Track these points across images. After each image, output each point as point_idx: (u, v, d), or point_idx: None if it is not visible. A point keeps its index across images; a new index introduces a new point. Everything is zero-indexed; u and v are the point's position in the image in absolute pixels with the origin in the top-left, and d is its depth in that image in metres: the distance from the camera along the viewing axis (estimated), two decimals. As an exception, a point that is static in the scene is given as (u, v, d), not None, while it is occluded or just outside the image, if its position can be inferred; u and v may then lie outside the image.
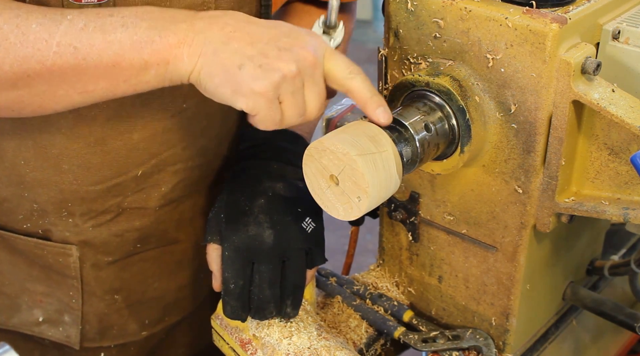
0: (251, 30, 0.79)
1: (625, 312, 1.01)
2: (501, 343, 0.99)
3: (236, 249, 0.94)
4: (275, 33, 0.79)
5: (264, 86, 0.77)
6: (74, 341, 1.12)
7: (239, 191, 0.99)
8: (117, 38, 0.78)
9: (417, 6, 0.86)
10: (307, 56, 0.78)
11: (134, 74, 0.80)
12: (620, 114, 0.77)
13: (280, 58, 0.77)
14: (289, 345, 0.94)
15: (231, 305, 0.95)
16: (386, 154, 0.78)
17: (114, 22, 0.78)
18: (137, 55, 0.78)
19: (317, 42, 0.80)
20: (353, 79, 0.80)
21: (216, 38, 0.78)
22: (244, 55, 0.77)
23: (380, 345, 1.06)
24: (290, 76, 0.77)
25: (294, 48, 0.78)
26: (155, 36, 0.78)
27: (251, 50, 0.77)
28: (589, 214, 0.85)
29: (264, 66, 0.76)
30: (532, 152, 0.84)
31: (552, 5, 0.80)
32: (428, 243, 1.02)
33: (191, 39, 0.78)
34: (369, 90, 0.81)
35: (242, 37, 0.78)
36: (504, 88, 0.83)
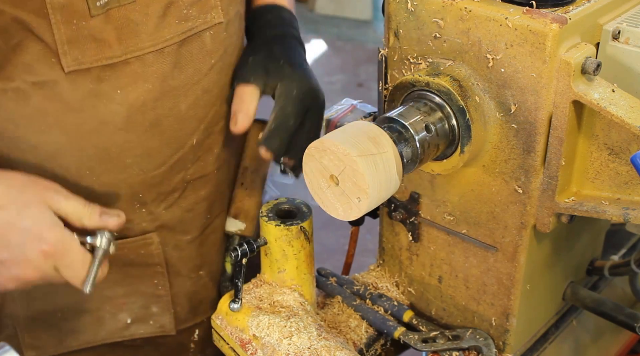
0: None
1: (625, 312, 1.01)
2: (501, 343, 0.99)
3: (303, 93, 1.05)
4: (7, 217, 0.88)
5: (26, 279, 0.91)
6: (169, 328, 1.15)
7: (269, 44, 1.08)
8: None
9: (417, 6, 0.86)
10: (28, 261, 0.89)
11: None
12: (620, 114, 0.77)
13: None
14: (289, 345, 0.94)
15: (281, 138, 1.02)
16: (386, 155, 0.78)
17: None
18: None
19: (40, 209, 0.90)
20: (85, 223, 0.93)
21: None
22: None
23: (380, 345, 1.06)
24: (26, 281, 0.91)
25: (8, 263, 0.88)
26: None
27: None
28: (589, 214, 0.85)
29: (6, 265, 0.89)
30: (532, 153, 0.84)
31: (552, 5, 0.80)
32: (428, 243, 1.02)
33: None
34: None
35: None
36: (504, 88, 0.83)
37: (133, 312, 1.12)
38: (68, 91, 0.93)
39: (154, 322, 1.14)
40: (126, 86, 0.96)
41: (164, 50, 0.97)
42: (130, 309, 1.12)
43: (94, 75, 0.93)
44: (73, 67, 0.91)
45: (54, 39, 0.89)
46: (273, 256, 0.99)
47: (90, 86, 0.94)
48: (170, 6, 0.96)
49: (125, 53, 0.94)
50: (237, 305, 0.98)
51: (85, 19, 0.89)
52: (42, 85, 0.92)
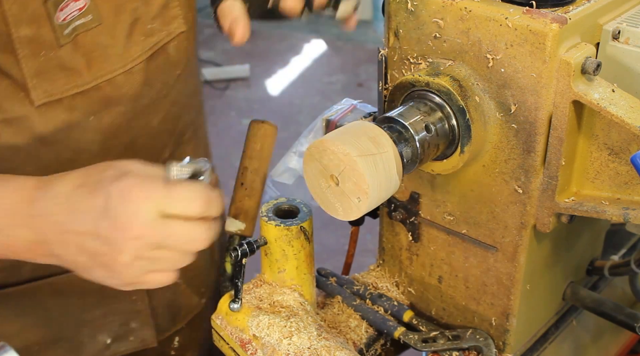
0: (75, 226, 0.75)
1: (625, 312, 1.01)
2: (501, 343, 0.99)
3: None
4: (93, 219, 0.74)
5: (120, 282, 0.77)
6: (150, 341, 1.14)
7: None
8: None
9: (417, 6, 0.86)
10: (135, 236, 0.73)
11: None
12: (620, 114, 0.77)
13: (112, 253, 0.74)
14: (289, 345, 0.94)
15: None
16: (386, 155, 0.78)
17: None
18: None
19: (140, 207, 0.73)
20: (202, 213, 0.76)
21: (54, 244, 0.76)
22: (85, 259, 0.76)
23: (380, 345, 1.06)
24: (132, 262, 0.74)
25: (118, 235, 0.73)
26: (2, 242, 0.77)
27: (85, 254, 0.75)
28: (589, 214, 0.85)
29: (107, 266, 0.75)
30: (532, 152, 0.84)
31: (552, 5, 0.80)
32: (428, 243, 1.02)
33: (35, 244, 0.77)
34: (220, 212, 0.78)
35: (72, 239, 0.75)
36: (504, 88, 0.83)
37: (112, 331, 1.11)
38: (40, 125, 0.90)
39: (135, 338, 1.13)
40: (99, 111, 0.95)
41: (132, 70, 0.96)
42: (109, 329, 1.10)
43: (65, 105, 0.91)
44: (43, 99, 0.89)
45: (22, 74, 0.86)
46: (273, 256, 0.99)
47: (62, 116, 0.92)
48: (135, 23, 0.94)
49: (96, 78, 0.92)
50: (237, 305, 0.98)
51: (53, 49, 0.87)
52: (11, 121, 0.89)
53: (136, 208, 0.72)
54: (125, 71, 0.95)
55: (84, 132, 0.95)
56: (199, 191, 0.74)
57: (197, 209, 0.74)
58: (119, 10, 0.92)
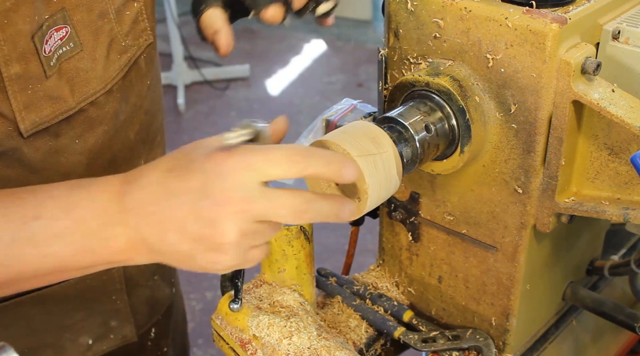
0: (172, 212, 0.71)
1: (625, 312, 1.01)
2: (501, 343, 0.99)
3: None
4: (192, 200, 0.70)
5: (226, 264, 0.72)
6: (131, 336, 1.14)
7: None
8: (53, 251, 0.72)
9: (417, 6, 0.86)
10: (238, 210, 0.69)
11: (80, 272, 0.76)
12: (620, 114, 0.77)
13: (216, 233, 0.70)
14: (289, 345, 0.94)
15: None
16: (386, 155, 0.78)
17: (45, 230, 0.71)
18: (79, 263, 0.74)
19: (238, 178, 0.69)
20: (305, 169, 0.70)
21: (152, 237, 0.72)
22: (187, 247, 0.71)
23: (380, 345, 1.06)
24: (238, 239, 0.70)
25: (220, 212, 0.69)
26: (95, 245, 0.73)
27: (187, 241, 0.71)
28: (589, 214, 0.85)
29: (211, 248, 0.71)
30: (532, 152, 0.84)
31: (552, 5, 0.80)
32: (428, 243, 1.02)
33: (132, 242, 0.73)
34: (325, 164, 0.70)
35: (170, 227, 0.71)
36: (504, 88, 0.83)
37: (93, 332, 1.10)
38: (28, 154, 0.90)
39: (115, 336, 1.13)
40: (83, 133, 0.95)
41: (112, 89, 0.96)
42: (90, 330, 1.10)
43: (52, 132, 0.91)
44: (32, 130, 0.88)
45: (11, 110, 0.85)
46: (273, 256, 0.99)
47: (49, 143, 0.92)
48: (111, 43, 0.95)
49: (79, 103, 0.92)
50: (237, 305, 0.98)
51: (40, 81, 0.87)
52: (0, 155, 0.88)
53: (236, 180, 0.68)
54: (106, 91, 0.96)
55: (70, 156, 0.95)
56: (297, 147, 0.70)
57: (299, 163, 0.69)
58: (97, 33, 0.92)
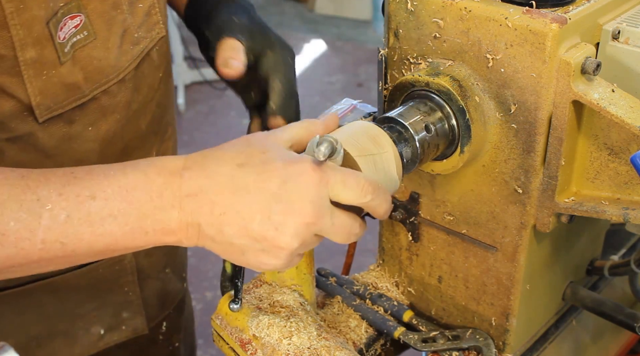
0: (239, 207, 0.72)
1: (625, 312, 1.01)
2: (501, 343, 0.99)
3: (294, 62, 1.02)
4: (265, 201, 0.71)
5: (274, 266, 0.75)
6: (142, 329, 1.16)
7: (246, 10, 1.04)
8: (107, 230, 0.73)
9: (417, 6, 0.86)
10: (308, 222, 0.72)
11: (129, 251, 0.79)
12: (620, 114, 0.77)
13: (279, 238, 0.72)
14: (288, 345, 0.94)
15: (294, 105, 1.00)
16: (386, 155, 0.78)
17: (100, 210, 0.73)
18: (131, 243, 0.75)
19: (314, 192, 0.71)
20: (371, 201, 0.75)
21: (209, 226, 0.73)
22: (242, 242, 0.73)
23: (380, 345, 1.06)
24: (297, 248, 0.73)
25: (290, 220, 0.71)
26: (149, 227, 0.74)
27: (246, 237, 0.73)
28: (589, 214, 0.85)
29: (267, 250, 0.73)
30: (532, 152, 0.84)
31: (552, 5, 0.80)
32: (428, 243, 1.02)
33: (185, 229, 0.74)
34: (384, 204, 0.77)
35: (232, 220, 0.72)
36: (504, 88, 0.83)
37: (105, 322, 1.12)
38: (43, 140, 0.92)
39: (127, 327, 1.15)
40: (96, 121, 0.97)
41: (125, 78, 0.98)
42: (102, 320, 1.12)
43: (66, 118, 0.93)
44: (46, 116, 0.90)
45: (26, 94, 0.87)
46: (273, 256, 0.99)
47: (64, 129, 0.94)
48: (124, 34, 0.97)
49: (92, 90, 0.94)
50: (237, 305, 0.98)
51: (55, 67, 0.89)
52: (16, 139, 0.91)
53: (314, 194, 0.71)
54: (119, 80, 0.98)
55: (83, 143, 0.97)
56: (369, 179, 0.74)
57: (368, 195, 0.73)
58: (111, 24, 0.94)
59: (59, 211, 0.72)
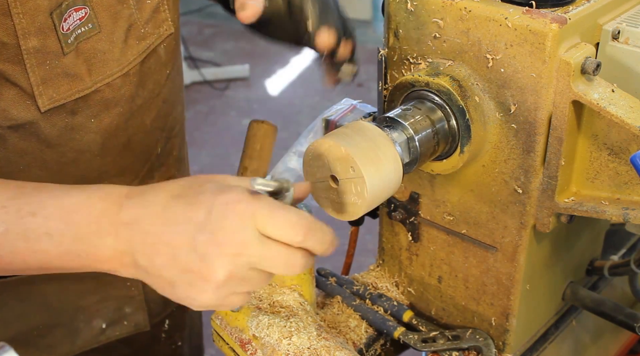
0: (168, 237, 0.71)
1: (625, 312, 1.01)
2: (501, 343, 0.99)
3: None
4: (191, 232, 0.70)
5: (202, 303, 0.72)
6: (144, 325, 1.16)
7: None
8: (42, 248, 0.73)
9: (417, 6, 0.86)
10: (232, 253, 0.69)
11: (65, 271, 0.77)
12: (620, 114, 0.77)
13: (204, 269, 0.70)
14: (288, 345, 0.94)
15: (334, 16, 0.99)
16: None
17: (37, 228, 0.73)
18: (65, 264, 0.75)
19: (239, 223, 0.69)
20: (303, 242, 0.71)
21: (141, 255, 0.72)
22: (171, 274, 0.71)
23: (380, 345, 1.06)
24: (224, 282, 0.70)
25: (215, 251, 0.69)
26: (82, 252, 0.73)
27: (174, 268, 0.71)
28: (588, 214, 0.85)
29: (193, 283, 0.71)
30: (532, 152, 0.84)
31: (552, 5, 0.80)
32: (428, 243, 1.02)
33: (120, 254, 0.73)
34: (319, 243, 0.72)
35: (162, 251, 0.71)
36: (503, 88, 0.83)
37: (107, 317, 1.12)
38: (45, 129, 0.93)
39: (128, 322, 1.15)
40: (99, 113, 0.98)
41: (129, 73, 0.99)
42: (104, 314, 1.12)
43: (68, 109, 0.94)
44: (48, 106, 0.91)
45: (29, 82, 0.89)
46: (273, 256, 0.99)
47: (66, 120, 0.95)
48: (130, 29, 0.97)
49: (96, 83, 0.95)
50: (236, 305, 0.98)
51: (58, 58, 0.90)
52: (18, 127, 0.92)
53: (238, 224, 0.69)
54: (123, 74, 0.98)
55: (85, 134, 0.98)
56: (304, 217, 0.71)
57: (299, 236, 0.70)
58: (116, 18, 0.95)
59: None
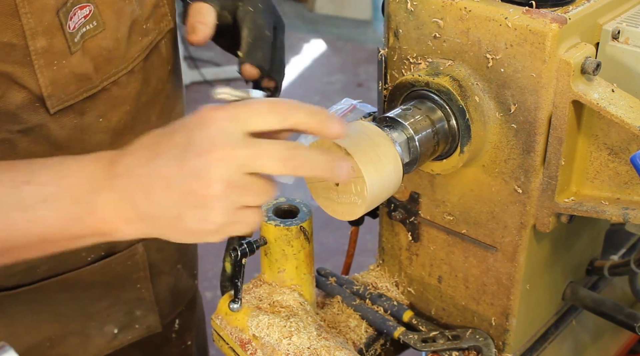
0: (159, 171, 0.69)
1: (625, 312, 1.01)
2: (501, 343, 0.99)
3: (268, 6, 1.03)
4: (178, 155, 0.69)
5: (215, 221, 0.69)
6: (155, 326, 1.16)
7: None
8: (39, 216, 0.71)
9: (417, 6, 0.86)
10: (221, 156, 0.67)
11: (68, 243, 0.75)
12: (620, 114, 0.77)
13: (202, 185, 0.68)
14: (288, 345, 0.94)
15: (263, 50, 1.00)
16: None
17: (33, 195, 0.71)
18: (67, 231, 0.73)
19: (221, 127, 0.68)
20: (288, 118, 0.69)
21: (140, 200, 0.71)
22: (174, 205, 0.69)
23: (380, 345, 1.06)
24: (224, 191, 0.68)
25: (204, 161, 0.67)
26: (82, 212, 0.72)
27: (175, 198, 0.69)
28: (588, 214, 0.85)
29: (198, 204, 0.69)
30: (532, 152, 0.84)
31: (552, 5, 0.80)
32: (428, 243, 1.02)
33: (120, 208, 0.71)
34: (308, 114, 0.70)
35: (158, 185, 0.70)
36: (503, 88, 0.83)
37: (118, 321, 1.12)
38: (54, 131, 0.93)
39: (140, 325, 1.15)
40: (107, 112, 0.97)
41: (134, 70, 0.99)
42: (115, 319, 1.12)
43: (77, 109, 0.94)
44: (58, 107, 0.91)
45: (37, 84, 0.88)
46: (273, 256, 0.99)
47: (75, 121, 0.94)
48: (133, 25, 0.97)
49: (103, 81, 0.95)
50: (236, 305, 0.98)
51: (65, 57, 0.89)
52: (28, 131, 0.91)
53: (219, 128, 0.67)
54: (128, 71, 0.98)
55: (94, 134, 0.97)
56: (281, 100, 0.69)
57: (281, 112, 0.68)
58: (119, 15, 0.95)
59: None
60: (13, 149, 0.92)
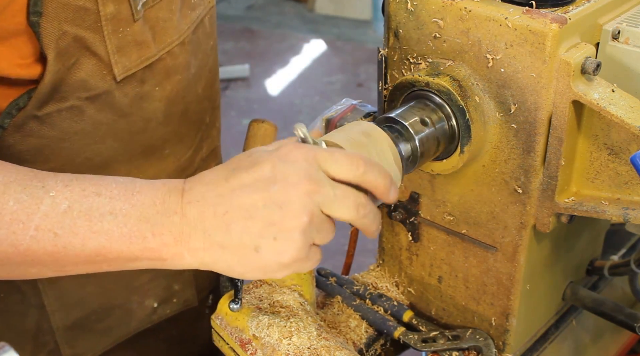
0: (240, 201, 0.71)
1: (625, 312, 1.01)
2: (501, 343, 0.99)
3: None
4: (263, 187, 0.70)
5: (292, 255, 0.71)
6: (192, 301, 1.18)
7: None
8: (104, 228, 0.71)
9: (417, 6, 0.86)
10: (308, 191, 0.70)
11: (121, 263, 0.74)
12: (620, 114, 0.77)
13: (287, 216, 0.69)
14: (288, 345, 0.94)
15: None
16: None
17: (101, 207, 0.72)
18: (126, 248, 0.72)
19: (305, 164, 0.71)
20: (364, 174, 0.72)
21: (214, 229, 0.71)
22: (253, 236, 0.70)
23: (380, 345, 1.06)
24: (308, 224, 0.70)
25: (292, 194, 0.70)
26: (147, 232, 0.72)
27: (255, 228, 0.70)
28: (588, 214, 0.85)
29: (279, 236, 0.70)
30: (532, 152, 0.84)
31: (552, 5, 0.81)
32: (428, 243, 1.02)
33: (187, 235, 0.72)
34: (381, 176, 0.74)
35: (238, 215, 0.71)
36: (503, 88, 0.83)
37: (158, 296, 1.14)
38: (119, 99, 0.95)
39: (178, 299, 1.17)
40: (162, 81, 1.00)
41: (184, 41, 1.02)
42: (155, 293, 1.14)
43: (138, 78, 0.96)
44: (123, 74, 0.93)
45: (106, 51, 0.90)
46: (273, 256, 0.99)
47: (136, 89, 0.97)
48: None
49: (159, 50, 0.98)
50: (237, 305, 0.98)
51: (129, 25, 0.92)
52: (95, 98, 0.93)
53: (306, 166, 0.70)
54: (180, 42, 1.01)
55: (152, 102, 1.00)
56: (360, 156, 0.72)
57: (360, 167, 0.71)
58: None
59: (62, 200, 0.71)
60: (81, 116, 0.93)
